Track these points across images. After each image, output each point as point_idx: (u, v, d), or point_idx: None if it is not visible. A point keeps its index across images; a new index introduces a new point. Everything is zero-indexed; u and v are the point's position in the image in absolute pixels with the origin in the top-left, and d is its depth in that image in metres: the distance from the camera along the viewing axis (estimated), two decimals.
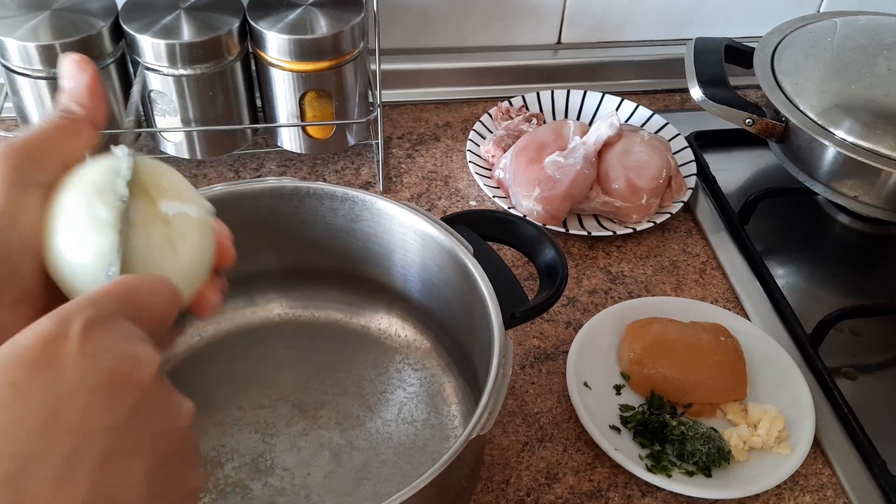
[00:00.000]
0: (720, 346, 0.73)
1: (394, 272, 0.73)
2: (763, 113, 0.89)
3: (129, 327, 0.33)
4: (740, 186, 0.97)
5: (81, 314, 0.31)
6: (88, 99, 0.38)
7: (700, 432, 0.69)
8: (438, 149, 0.99)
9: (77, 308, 0.32)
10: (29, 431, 0.29)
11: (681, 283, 0.85)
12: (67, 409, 0.30)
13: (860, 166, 0.83)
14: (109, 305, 0.33)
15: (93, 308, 0.32)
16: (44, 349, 0.30)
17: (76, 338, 0.31)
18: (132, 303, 0.34)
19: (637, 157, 0.89)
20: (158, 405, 0.33)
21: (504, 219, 0.74)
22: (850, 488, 0.69)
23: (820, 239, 0.93)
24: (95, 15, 0.82)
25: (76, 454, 0.29)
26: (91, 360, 0.31)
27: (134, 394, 0.31)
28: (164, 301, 0.35)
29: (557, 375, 0.76)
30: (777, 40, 0.95)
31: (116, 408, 0.31)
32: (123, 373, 0.31)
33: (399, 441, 0.69)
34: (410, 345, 0.75)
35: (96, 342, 0.31)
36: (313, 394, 0.72)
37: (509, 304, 0.63)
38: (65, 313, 0.31)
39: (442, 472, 0.51)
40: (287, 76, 0.86)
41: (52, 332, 0.31)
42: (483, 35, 1.07)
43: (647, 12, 1.09)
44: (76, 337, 0.31)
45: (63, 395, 0.30)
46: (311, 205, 0.70)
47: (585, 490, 0.68)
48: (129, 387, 0.31)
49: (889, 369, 0.80)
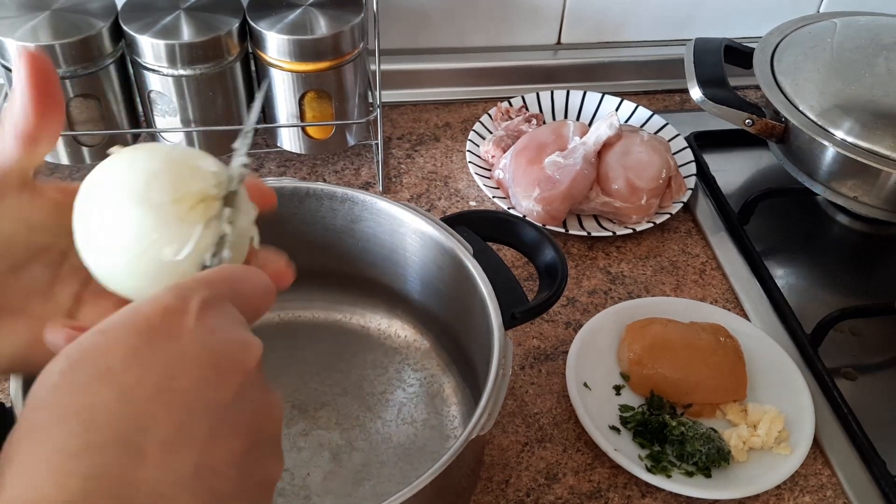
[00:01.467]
0: (720, 347, 0.73)
1: (394, 272, 0.73)
2: (763, 113, 0.89)
3: (236, 312, 0.34)
4: (740, 187, 0.98)
5: (199, 292, 0.32)
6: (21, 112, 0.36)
7: (700, 433, 0.69)
8: (438, 149, 0.99)
9: (195, 286, 0.33)
10: (147, 395, 0.30)
11: (680, 284, 0.85)
12: (182, 380, 0.31)
13: (860, 166, 0.83)
14: (221, 288, 0.34)
15: (208, 289, 0.33)
16: (164, 320, 0.31)
17: (194, 314, 0.32)
18: (237, 289, 0.35)
19: (637, 157, 0.89)
20: (258, 391, 0.33)
21: (504, 219, 0.74)
22: (849, 488, 0.69)
23: (820, 239, 0.93)
24: (95, 15, 0.82)
25: (187, 425, 0.30)
26: (206, 338, 0.32)
27: (240, 376, 0.32)
28: (262, 291, 0.36)
29: (557, 376, 0.76)
30: (777, 40, 0.95)
31: (225, 387, 0.32)
32: (233, 355, 0.32)
33: (399, 441, 0.69)
34: (410, 345, 0.75)
35: (211, 320, 0.32)
36: (313, 394, 0.72)
37: (509, 305, 0.63)
38: (183, 289, 0.32)
39: (442, 472, 0.51)
40: (287, 76, 0.86)
41: (173, 305, 0.32)
42: (483, 35, 1.08)
43: (647, 12, 1.09)
44: (194, 312, 0.32)
45: (179, 366, 0.31)
46: (310, 205, 0.70)
47: (585, 490, 0.68)
48: (237, 369, 0.32)
49: (889, 369, 0.80)
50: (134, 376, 0.30)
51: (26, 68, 0.35)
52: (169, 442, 0.30)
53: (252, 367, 0.33)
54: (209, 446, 0.31)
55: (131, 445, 0.29)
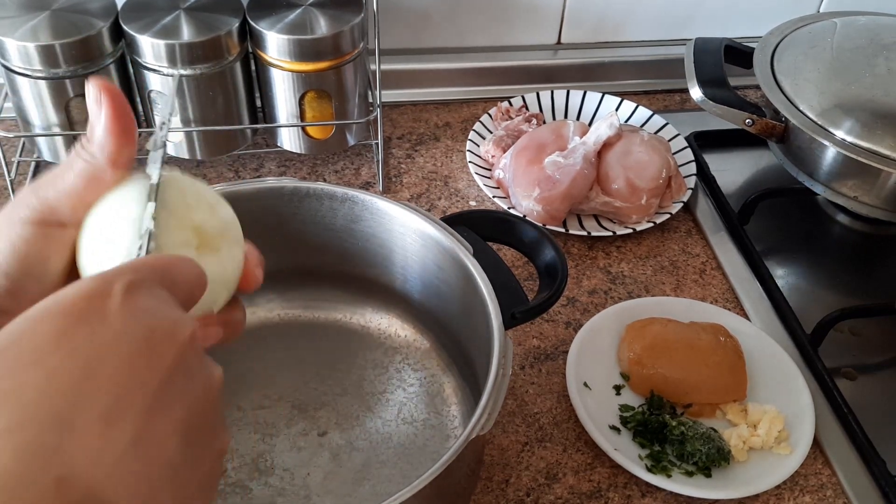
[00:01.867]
0: (720, 347, 0.73)
1: (394, 272, 0.73)
2: (763, 113, 0.89)
3: (165, 294, 0.34)
4: (740, 186, 0.98)
5: (123, 276, 0.33)
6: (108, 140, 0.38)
7: (700, 432, 0.69)
8: (438, 149, 0.99)
9: (118, 271, 0.33)
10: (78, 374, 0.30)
11: (680, 284, 0.85)
12: (112, 358, 0.31)
13: (860, 166, 0.83)
14: (148, 273, 0.34)
15: (132, 273, 0.33)
16: (88, 303, 0.32)
17: (118, 296, 0.32)
18: (167, 275, 0.35)
19: (637, 157, 0.89)
20: (194, 366, 0.34)
21: (504, 219, 0.74)
22: (849, 488, 0.69)
23: (820, 239, 0.93)
24: (95, 15, 0.82)
25: (122, 399, 0.31)
26: (133, 317, 0.32)
27: (173, 352, 0.33)
28: (194, 279, 0.37)
29: (557, 375, 0.76)
30: (777, 40, 0.95)
31: (157, 363, 0.32)
32: (164, 331, 0.33)
33: (399, 441, 0.69)
34: (410, 345, 0.75)
35: (138, 301, 0.33)
36: (313, 394, 0.72)
37: (509, 305, 0.63)
38: (106, 274, 0.33)
39: (442, 472, 0.51)
40: (287, 76, 0.86)
41: (95, 288, 0.32)
42: (483, 35, 1.08)
43: (647, 12, 1.09)
44: (118, 295, 0.32)
45: (108, 344, 0.31)
46: (311, 205, 0.70)
47: (585, 490, 0.68)
48: (168, 345, 0.33)
49: (889, 369, 0.80)
50: (61, 357, 0.30)
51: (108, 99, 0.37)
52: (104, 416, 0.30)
53: (185, 341, 0.33)
54: (148, 418, 0.31)
55: (64, 421, 0.29)
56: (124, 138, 0.38)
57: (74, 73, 0.81)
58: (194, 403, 0.33)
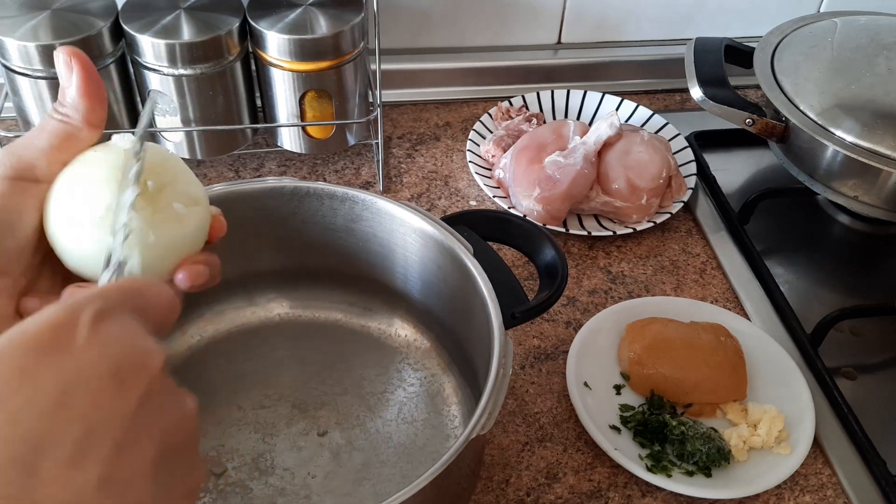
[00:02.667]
0: (720, 346, 0.73)
1: (394, 272, 0.73)
2: (763, 113, 0.89)
3: (135, 322, 0.33)
4: (740, 186, 0.97)
5: (91, 305, 0.32)
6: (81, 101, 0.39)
7: (700, 432, 0.69)
8: (438, 149, 0.99)
9: (86, 300, 0.32)
10: (40, 414, 0.29)
11: (681, 283, 0.85)
12: (79, 394, 0.30)
13: (860, 166, 0.83)
14: (117, 300, 0.33)
15: (101, 301, 0.32)
16: (53, 335, 0.31)
17: (86, 326, 0.31)
18: (137, 301, 0.34)
19: (637, 157, 0.89)
20: (165, 397, 0.33)
21: (504, 219, 0.74)
22: (850, 488, 0.69)
23: (820, 239, 0.93)
24: (95, 15, 0.82)
25: (88, 438, 0.30)
26: (101, 349, 0.31)
27: (143, 384, 0.32)
28: (166, 303, 0.36)
29: (557, 375, 0.76)
30: (777, 40, 0.95)
31: (126, 397, 0.31)
32: (133, 363, 0.32)
33: (399, 441, 0.69)
34: (410, 345, 0.75)
35: (106, 332, 0.32)
36: (313, 394, 0.72)
37: (509, 304, 0.63)
38: (74, 303, 0.32)
39: (442, 472, 0.51)
40: (287, 76, 0.86)
41: (61, 318, 0.31)
42: (483, 35, 1.07)
43: (647, 12, 1.09)
44: (86, 325, 0.31)
45: (73, 380, 0.30)
46: (311, 205, 0.70)
47: (585, 490, 0.68)
48: (138, 377, 0.32)
49: (889, 369, 0.80)
50: (24, 397, 0.29)
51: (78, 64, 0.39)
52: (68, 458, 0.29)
53: (155, 373, 0.32)
54: (115, 457, 0.30)
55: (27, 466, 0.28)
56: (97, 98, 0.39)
57: None
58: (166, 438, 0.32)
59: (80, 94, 0.39)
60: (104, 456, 0.30)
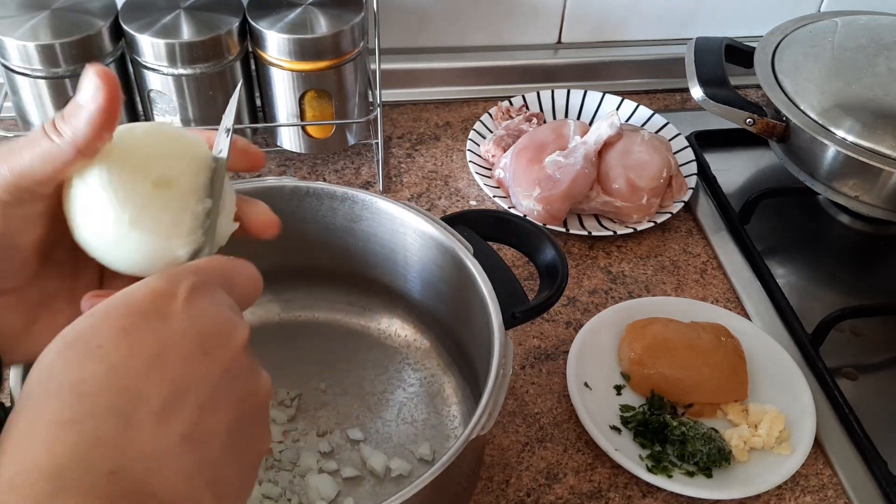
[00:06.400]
0: (720, 347, 0.73)
1: (394, 272, 0.73)
2: (763, 112, 0.89)
3: (225, 296, 0.36)
4: (741, 186, 0.97)
5: (189, 278, 0.35)
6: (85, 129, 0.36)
7: (700, 433, 0.68)
8: (438, 148, 0.99)
9: (184, 272, 0.35)
10: (137, 371, 0.32)
11: (681, 283, 0.85)
12: (170, 357, 0.33)
13: (861, 166, 0.82)
14: (211, 275, 0.36)
15: (197, 275, 0.35)
16: (153, 301, 0.34)
17: (183, 296, 0.34)
18: (227, 277, 0.37)
19: (637, 156, 0.89)
20: (246, 369, 0.36)
21: (504, 219, 0.74)
22: (850, 488, 0.69)
23: (820, 239, 0.93)
24: (95, 15, 0.82)
25: (175, 398, 0.32)
26: (194, 318, 0.34)
27: (228, 354, 0.34)
28: (251, 280, 0.39)
29: (557, 375, 0.76)
30: (777, 40, 0.95)
31: (212, 365, 0.34)
32: (220, 334, 0.35)
33: (399, 441, 0.69)
34: (410, 345, 0.75)
35: (200, 303, 0.34)
36: (313, 393, 0.72)
37: (509, 304, 0.63)
38: (173, 275, 0.35)
39: (442, 472, 0.51)
40: (287, 76, 0.85)
41: (162, 288, 0.34)
42: (483, 35, 1.07)
43: (647, 12, 1.09)
44: (183, 295, 0.34)
45: (167, 343, 0.33)
46: (311, 204, 0.70)
47: (585, 490, 0.68)
48: (224, 348, 0.34)
49: (890, 369, 0.80)
50: (123, 353, 0.32)
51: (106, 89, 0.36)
52: (158, 412, 0.32)
53: (239, 346, 0.35)
54: (198, 417, 0.33)
55: (121, 414, 0.31)
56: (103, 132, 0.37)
57: (74, 72, 0.81)
58: (242, 405, 0.35)
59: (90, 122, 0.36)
60: (188, 415, 0.32)
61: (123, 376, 0.32)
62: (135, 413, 0.31)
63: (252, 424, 0.36)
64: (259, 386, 0.36)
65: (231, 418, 0.34)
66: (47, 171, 0.37)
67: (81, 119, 0.36)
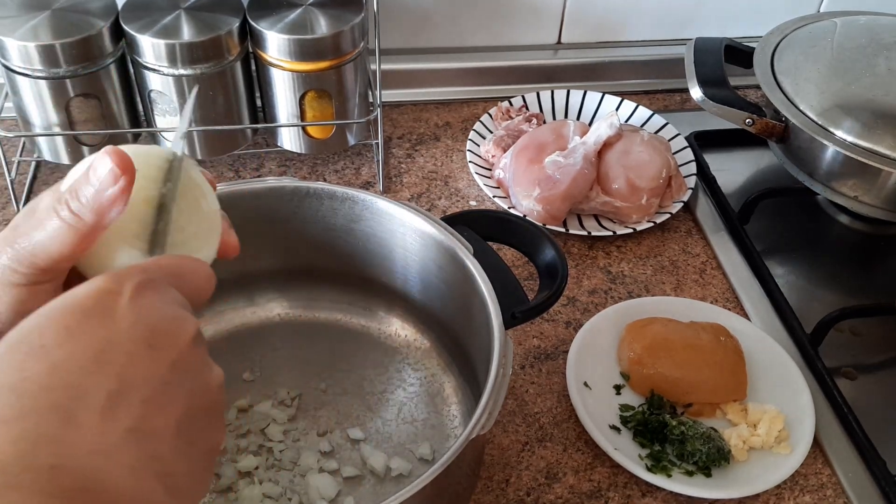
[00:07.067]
0: (720, 346, 0.73)
1: (394, 272, 0.73)
2: (763, 113, 0.89)
3: (174, 293, 0.37)
4: (740, 186, 0.97)
5: (135, 276, 0.35)
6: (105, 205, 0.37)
7: (700, 432, 0.69)
8: (438, 149, 0.99)
9: (130, 271, 0.36)
10: (80, 368, 0.32)
11: (681, 283, 0.85)
12: (115, 354, 0.33)
13: (860, 166, 0.83)
14: (157, 273, 0.37)
15: (143, 273, 0.36)
16: (97, 300, 0.34)
17: (128, 293, 0.34)
18: (175, 274, 0.38)
19: (637, 157, 0.89)
20: (194, 365, 0.36)
21: (504, 219, 0.74)
22: (849, 488, 0.69)
23: (820, 239, 0.93)
24: (95, 15, 0.82)
25: (120, 393, 0.32)
26: (139, 315, 0.34)
27: (174, 351, 0.35)
28: (203, 278, 0.39)
29: (557, 375, 0.76)
30: (777, 40, 0.95)
31: (158, 360, 0.34)
32: (167, 330, 0.35)
33: (399, 441, 0.69)
34: (410, 345, 0.75)
35: (145, 300, 0.35)
36: (313, 393, 0.72)
37: (509, 304, 0.63)
38: (118, 274, 0.35)
39: (442, 472, 0.51)
40: (287, 76, 0.86)
41: (107, 286, 0.35)
42: (483, 35, 1.07)
43: (647, 12, 1.09)
44: (128, 293, 0.34)
45: (112, 340, 0.33)
46: (311, 205, 0.70)
47: (585, 490, 0.68)
48: (170, 344, 0.35)
49: (889, 369, 0.80)
50: (66, 351, 0.32)
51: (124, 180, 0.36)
52: (102, 407, 0.32)
53: (187, 341, 0.35)
54: (145, 412, 0.33)
55: (63, 411, 0.31)
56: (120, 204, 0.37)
57: (75, 72, 0.81)
58: (192, 400, 0.35)
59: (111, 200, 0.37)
60: (133, 410, 0.33)
61: (66, 373, 0.32)
62: (77, 409, 0.31)
63: (204, 418, 0.36)
64: (210, 379, 0.37)
65: (180, 412, 0.34)
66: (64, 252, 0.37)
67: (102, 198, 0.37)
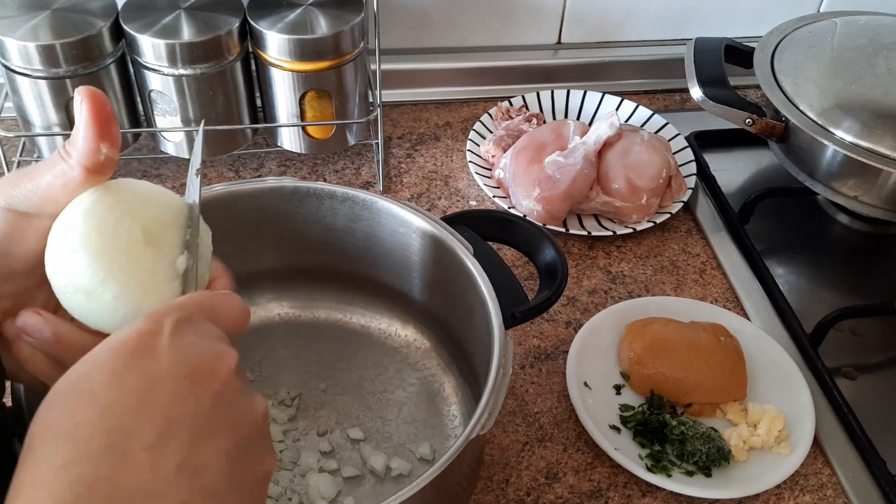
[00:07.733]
0: (720, 346, 0.73)
1: (394, 272, 0.73)
2: (763, 113, 0.89)
3: (211, 328, 0.38)
4: (740, 186, 0.98)
5: (172, 314, 0.37)
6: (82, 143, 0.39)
7: (700, 432, 0.69)
8: (438, 149, 0.99)
9: (167, 310, 0.37)
10: (127, 409, 0.34)
11: (681, 283, 0.85)
12: (160, 393, 0.34)
13: (860, 166, 0.83)
14: (193, 309, 0.38)
15: (180, 311, 0.37)
16: (139, 341, 0.35)
17: (168, 332, 0.36)
18: (210, 309, 0.39)
19: (637, 157, 0.89)
20: (237, 395, 0.37)
21: (504, 219, 0.74)
22: (849, 488, 0.69)
23: (820, 239, 0.93)
24: (95, 15, 0.82)
25: (168, 430, 0.34)
26: (180, 351, 0.36)
27: (217, 383, 0.36)
28: (237, 311, 0.41)
29: (557, 375, 0.76)
30: (777, 40, 0.95)
31: (202, 394, 0.35)
32: (207, 365, 0.36)
33: (399, 440, 0.69)
34: (410, 344, 0.75)
35: (184, 338, 0.36)
36: (313, 393, 0.72)
37: (509, 304, 0.63)
38: (157, 314, 0.37)
39: (442, 472, 0.51)
40: (287, 76, 0.86)
41: (147, 327, 0.36)
42: (483, 35, 1.07)
43: (647, 12, 1.09)
44: (168, 331, 0.36)
45: (156, 379, 0.35)
46: (311, 205, 0.70)
47: (585, 490, 0.68)
48: (213, 376, 0.36)
49: (889, 369, 0.80)
50: (114, 395, 0.34)
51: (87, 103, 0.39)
52: (152, 446, 0.33)
53: (228, 373, 0.37)
54: (193, 447, 0.34)
55: (116, 452, 0.32)
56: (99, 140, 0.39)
57: (75, 72, 0.81)
58: (238, 429, 0.36)
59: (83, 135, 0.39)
60: (183, 445, 0.34)
61: (115, 416, 0.33)
62: (129, 449, 0.33)
63: (251, 447, 0.37)
64: (254, 408, 0.38)
65: (228, 444, 0.35)
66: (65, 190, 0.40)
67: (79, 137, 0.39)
